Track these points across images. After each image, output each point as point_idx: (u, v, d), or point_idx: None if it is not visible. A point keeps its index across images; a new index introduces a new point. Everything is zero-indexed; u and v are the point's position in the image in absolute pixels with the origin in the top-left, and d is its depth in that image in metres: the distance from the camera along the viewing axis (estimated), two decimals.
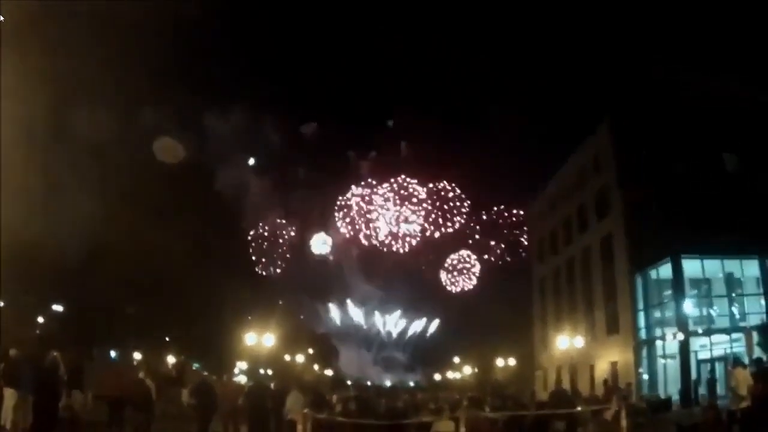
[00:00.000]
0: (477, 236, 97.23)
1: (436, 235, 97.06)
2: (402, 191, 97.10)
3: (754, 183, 32.72)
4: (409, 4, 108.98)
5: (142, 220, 42.49)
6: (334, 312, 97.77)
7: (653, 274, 35.58)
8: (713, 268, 33.37)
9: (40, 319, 44.40)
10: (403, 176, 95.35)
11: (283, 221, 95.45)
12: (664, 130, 34.27)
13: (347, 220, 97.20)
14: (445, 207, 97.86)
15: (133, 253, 42.05)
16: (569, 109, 77.62)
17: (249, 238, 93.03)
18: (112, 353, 51.41)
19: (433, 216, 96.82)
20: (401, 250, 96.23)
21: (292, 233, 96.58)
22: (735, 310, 33.09)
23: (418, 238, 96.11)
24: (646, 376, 35.26)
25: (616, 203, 38.62)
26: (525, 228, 74.96)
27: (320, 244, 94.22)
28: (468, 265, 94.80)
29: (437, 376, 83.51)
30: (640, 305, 36.53)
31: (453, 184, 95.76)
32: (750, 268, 32.83)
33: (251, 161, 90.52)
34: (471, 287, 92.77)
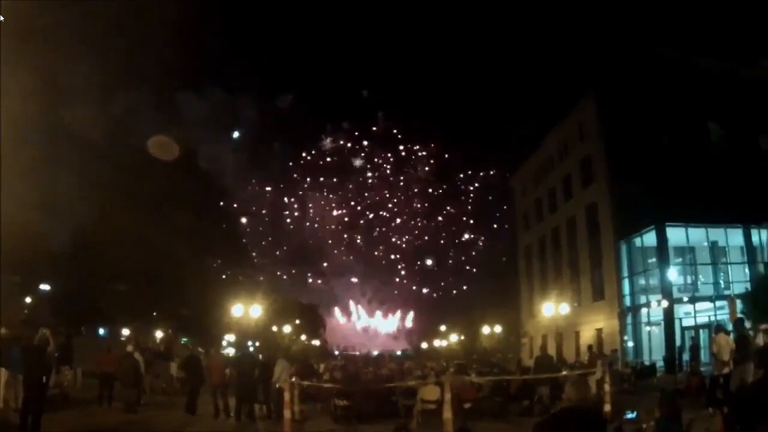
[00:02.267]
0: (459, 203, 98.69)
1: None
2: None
3: (738, 153, 32.93)
4: None
5: (128, 201, 42.38)
6: (313, 281, 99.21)
7: (638, 241, 35.79)
8: (698, 236, 33.69)
9: (28, 300, 44.14)
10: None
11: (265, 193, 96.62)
12: (649, 100, 34.33)
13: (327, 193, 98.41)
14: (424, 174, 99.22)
15: (120, 232, 41.89)
16: (554, 80, 77.40)
17: (230, 211, 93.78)
18: (101, 330, 51.43)
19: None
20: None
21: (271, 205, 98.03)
22: (719, 278, 33.53)
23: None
24: (631, 343, 35.70)
25: (600, 172, 38.71)
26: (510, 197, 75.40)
27: None
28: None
29: (424, 345, 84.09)
30: (625, 273, 36.85)
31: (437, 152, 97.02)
32: (734, 237, 33.16)
33: (234, 136, 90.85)
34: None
